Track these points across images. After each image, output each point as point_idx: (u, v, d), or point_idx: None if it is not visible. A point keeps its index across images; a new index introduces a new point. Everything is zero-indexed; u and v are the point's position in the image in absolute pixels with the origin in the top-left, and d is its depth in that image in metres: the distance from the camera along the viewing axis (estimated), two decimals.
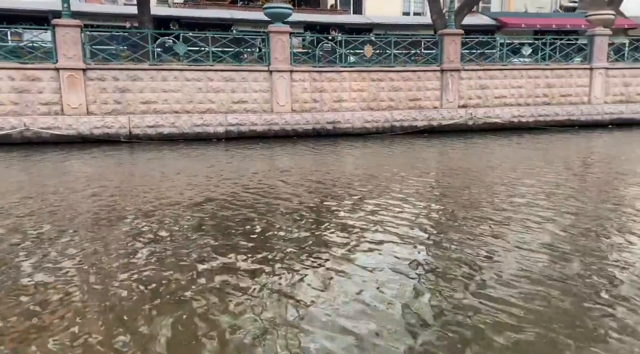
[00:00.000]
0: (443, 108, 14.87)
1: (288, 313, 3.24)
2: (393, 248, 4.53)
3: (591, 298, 3.46)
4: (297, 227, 5.22)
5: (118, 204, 6.34)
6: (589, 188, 7.40)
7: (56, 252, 4.48)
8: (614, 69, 15.82)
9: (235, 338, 2.96)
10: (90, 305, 3.43)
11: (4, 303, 3.46)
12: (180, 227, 5.24)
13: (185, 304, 3.41)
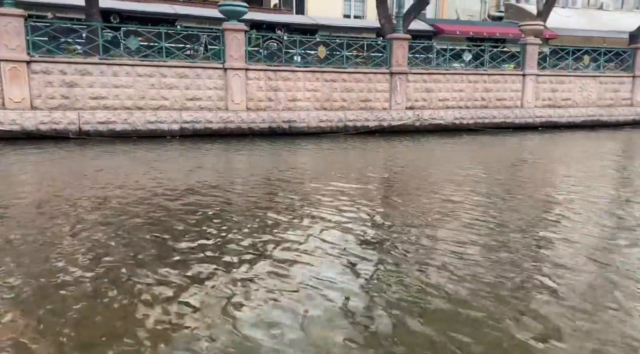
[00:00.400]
0: (392, 109, 15.52)
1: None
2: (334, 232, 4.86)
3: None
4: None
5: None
6: (501, 181, 8.18)
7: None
8: (543, 76, 17.26)
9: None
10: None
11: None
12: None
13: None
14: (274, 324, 3.07)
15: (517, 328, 3.07)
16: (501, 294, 3.55)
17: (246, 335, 2.96)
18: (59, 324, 3.04)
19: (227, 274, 3.88)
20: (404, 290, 3.61)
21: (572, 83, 17.58)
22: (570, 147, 13.57)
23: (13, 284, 3.62)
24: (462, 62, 16.64)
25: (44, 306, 3.27)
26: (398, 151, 12.13)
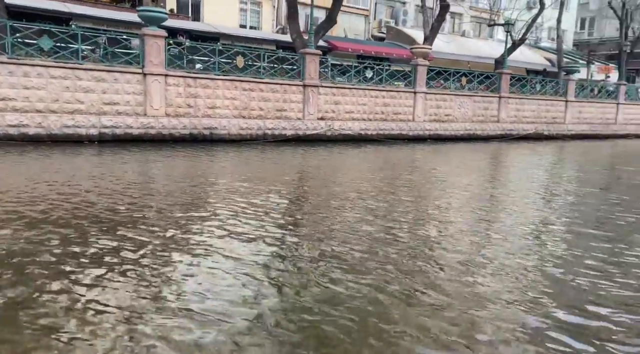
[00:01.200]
0: (305, 119, 16.52)
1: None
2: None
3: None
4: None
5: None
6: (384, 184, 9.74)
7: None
8: (430, 94, 19.62)
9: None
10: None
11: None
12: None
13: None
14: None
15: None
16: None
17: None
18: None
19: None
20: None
21: (453, 101, 20.23)
22: (451, 155, 15.76)
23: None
24: (364, 78, 18.25)
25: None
26: (308, 157, 13.13)
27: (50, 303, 3.34)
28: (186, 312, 3.29)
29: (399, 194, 8.00)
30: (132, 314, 3.22)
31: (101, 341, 2.89)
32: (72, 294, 3.50)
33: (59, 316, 3.17)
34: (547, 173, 12.19)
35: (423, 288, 3.91)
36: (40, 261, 4.10)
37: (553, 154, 17.61)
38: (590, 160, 16.51)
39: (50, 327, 3.03)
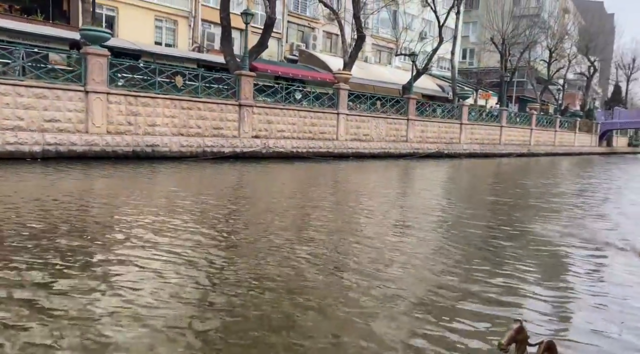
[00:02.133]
0: (241, 137, 17.35)
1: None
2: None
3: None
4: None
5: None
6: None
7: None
8: (351, 115, 21.42)
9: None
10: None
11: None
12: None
13: None
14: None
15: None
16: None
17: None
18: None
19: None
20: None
21: (370, 122, 22.26)
22: (370, 170, 17.59)
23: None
24: (294, 99, 19.54)
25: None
26: (242, 174, 14.10)
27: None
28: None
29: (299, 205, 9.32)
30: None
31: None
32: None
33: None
34: (433, 183, 14.36)
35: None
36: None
37: (449, 168, 20.22)
38: (472, 175, 19.30)
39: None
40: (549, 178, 17.79)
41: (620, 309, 4.10)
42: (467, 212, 8.63)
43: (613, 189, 15.20)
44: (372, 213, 8.24)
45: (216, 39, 30.74)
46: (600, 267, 5.60)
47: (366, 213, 8.21)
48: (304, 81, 30.12)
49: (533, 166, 24.58)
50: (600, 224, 8.24)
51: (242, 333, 3.27)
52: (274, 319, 3.53)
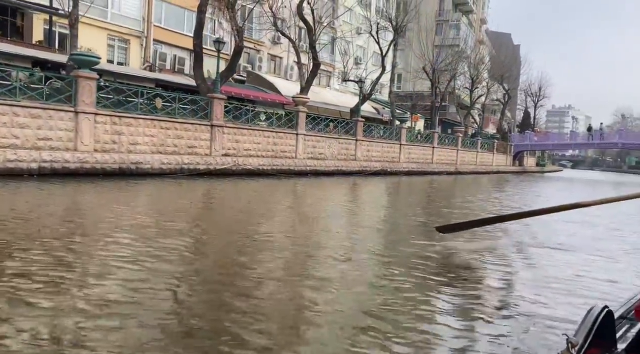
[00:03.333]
0: (212, 156, 18.62)
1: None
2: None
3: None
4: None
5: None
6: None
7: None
8: (308, 135, 23.31)
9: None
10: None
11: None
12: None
13: None
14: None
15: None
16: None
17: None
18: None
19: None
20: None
21: (324, 142, 24.28)
22: (324, 186, 19.55)
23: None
24: (259, 120, 21.10)
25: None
26: (206, 189, 15.55)
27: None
28: None
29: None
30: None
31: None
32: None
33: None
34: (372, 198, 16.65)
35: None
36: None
37: (391, 184, 22.70)
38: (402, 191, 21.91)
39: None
40: (479, 193, 20.70)
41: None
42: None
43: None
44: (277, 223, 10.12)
45: (168, 59, 31.61)
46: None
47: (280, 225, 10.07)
48: (254, 102, 31.65)
49: (466, 182, 27.79)
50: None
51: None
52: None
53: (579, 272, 6.17)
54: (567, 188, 29.48)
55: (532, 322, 4.23)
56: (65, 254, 5.57)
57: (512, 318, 4.37)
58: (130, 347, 3.30)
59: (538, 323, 4.21)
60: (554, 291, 5.22)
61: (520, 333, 3.98)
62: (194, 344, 3.41)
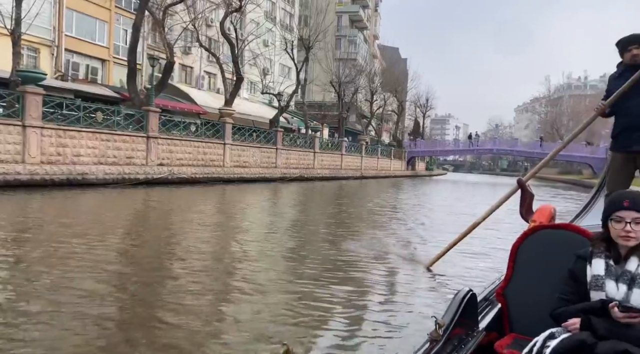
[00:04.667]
0: (149, 166, 19.60)
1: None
2: None
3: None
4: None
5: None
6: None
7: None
8: (234, 145, 24.89)
9: None
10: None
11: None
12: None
13: None
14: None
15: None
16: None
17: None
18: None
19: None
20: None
21: (249, 151, 26.04)
22: (243, 191, 21.48)
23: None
24: (189, 130, 22.31)
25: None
26: (144, 197, 16.92)
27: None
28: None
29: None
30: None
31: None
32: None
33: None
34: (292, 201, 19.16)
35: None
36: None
37: (306, 189, 25.20)
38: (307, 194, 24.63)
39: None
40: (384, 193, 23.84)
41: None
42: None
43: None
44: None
45: (80, 69, 31.17)
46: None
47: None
48: (170, 111, 32.34)
49: (369, 185, 31.08)
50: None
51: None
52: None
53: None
54: (457, 188, 34.14)
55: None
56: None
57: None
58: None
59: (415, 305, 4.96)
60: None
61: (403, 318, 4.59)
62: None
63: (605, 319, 1.88)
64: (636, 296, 1.92)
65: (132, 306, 4.65)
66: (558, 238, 2.43)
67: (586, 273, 2.06)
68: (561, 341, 1.84)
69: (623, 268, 2.00)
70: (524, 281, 2.45)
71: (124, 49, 35.15)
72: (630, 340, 1.79)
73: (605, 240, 2.08)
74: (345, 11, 63.04)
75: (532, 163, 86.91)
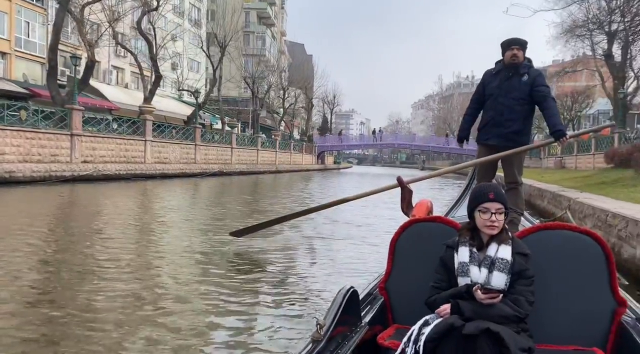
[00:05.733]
0: (73, 163, 19.80)
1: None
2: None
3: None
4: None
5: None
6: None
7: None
8: (155, 142, 25.41)
9: None
10: None
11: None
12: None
13: None
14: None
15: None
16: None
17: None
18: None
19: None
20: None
21: (169, 147, 26.67)
22: (171, 186, 22.47)
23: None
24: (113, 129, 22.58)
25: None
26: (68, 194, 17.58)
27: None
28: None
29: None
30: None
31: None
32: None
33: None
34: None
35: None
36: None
37: (225, 183, 26.56)
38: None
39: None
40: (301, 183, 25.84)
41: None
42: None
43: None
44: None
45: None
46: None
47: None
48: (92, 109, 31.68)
49: (283, 178, 32.89)
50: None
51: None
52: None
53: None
54: (366, 180, 37.06)
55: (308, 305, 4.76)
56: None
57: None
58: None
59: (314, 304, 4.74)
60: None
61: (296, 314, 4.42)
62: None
63: (471, 302, 2.01)
64: (496, 278, 2.09)
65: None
66: (432, 230, 2.57)
67: (454, 261, 2.18)
68: (434, 326, 1.94)
69: (485, 254, 2.14)
70: (403, 273, 2.55)
71: (27, 42, 33.66)
72: (492, 319, 1.93)
73: (471, 230, 2.22)
74: (253, 7, 63.91)
75: (427, 155, 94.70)
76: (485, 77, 4.53)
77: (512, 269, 2.10)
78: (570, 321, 2.28)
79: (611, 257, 2.31)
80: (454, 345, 1.86)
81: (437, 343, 1.89)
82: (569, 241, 2.35)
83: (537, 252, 2.25)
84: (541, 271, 2.24)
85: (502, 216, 2.14)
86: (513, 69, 4.27)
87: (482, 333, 1.83)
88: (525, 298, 2.07)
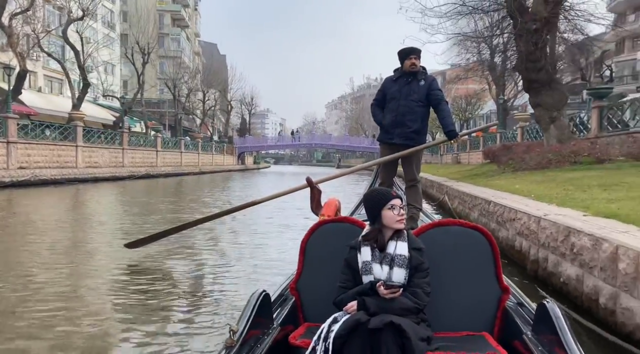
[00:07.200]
0: (9, 169, 20.46)
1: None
2: None
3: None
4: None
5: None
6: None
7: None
8: (85, 147, 26.19)
9: None
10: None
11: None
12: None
13: None
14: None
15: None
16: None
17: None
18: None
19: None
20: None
21: (98, 152, 27.52)
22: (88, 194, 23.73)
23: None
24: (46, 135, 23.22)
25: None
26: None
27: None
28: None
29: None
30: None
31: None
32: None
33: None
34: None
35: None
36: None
37: (151, 185, 28.00)
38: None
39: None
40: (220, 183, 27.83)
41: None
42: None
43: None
44: None
45: None
46: None
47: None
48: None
49: (204, 179, 34.49)
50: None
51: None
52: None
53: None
54: (285, 179, 39.54)
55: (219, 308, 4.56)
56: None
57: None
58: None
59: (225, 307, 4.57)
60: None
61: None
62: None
63: (375, 297, 2.12)
64: (396, 274, 2.20)
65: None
66: (339, 230, 2.66)
67: (358, 261, 2.27)
68: (342, 323, 2.00)
69: (385, 252, 2.25)
70: (313, 273, 2.62)
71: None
72: (395, 312, 2.04)
73: (377, 231, 2.31)
74: (166, 10, 64.00)
75: (342, 154, 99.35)
76: (386, 83, 4.88)
77: (409, 264, 2.22)
78: (463, 310, 2.43)
79: (496, 249, 2.49)
80: (361, 340, 1.94)
81: (345, 339, 1.95)
82: (461, 236, 2.51)
83: (433, 247, 2.40)
84: (437, 264, 2.37)
85: (404, 210, 2.26)
86: (412, 75, 4.64)
87: (386, 326, 1.91)
88: (422, 290, 2.19)
